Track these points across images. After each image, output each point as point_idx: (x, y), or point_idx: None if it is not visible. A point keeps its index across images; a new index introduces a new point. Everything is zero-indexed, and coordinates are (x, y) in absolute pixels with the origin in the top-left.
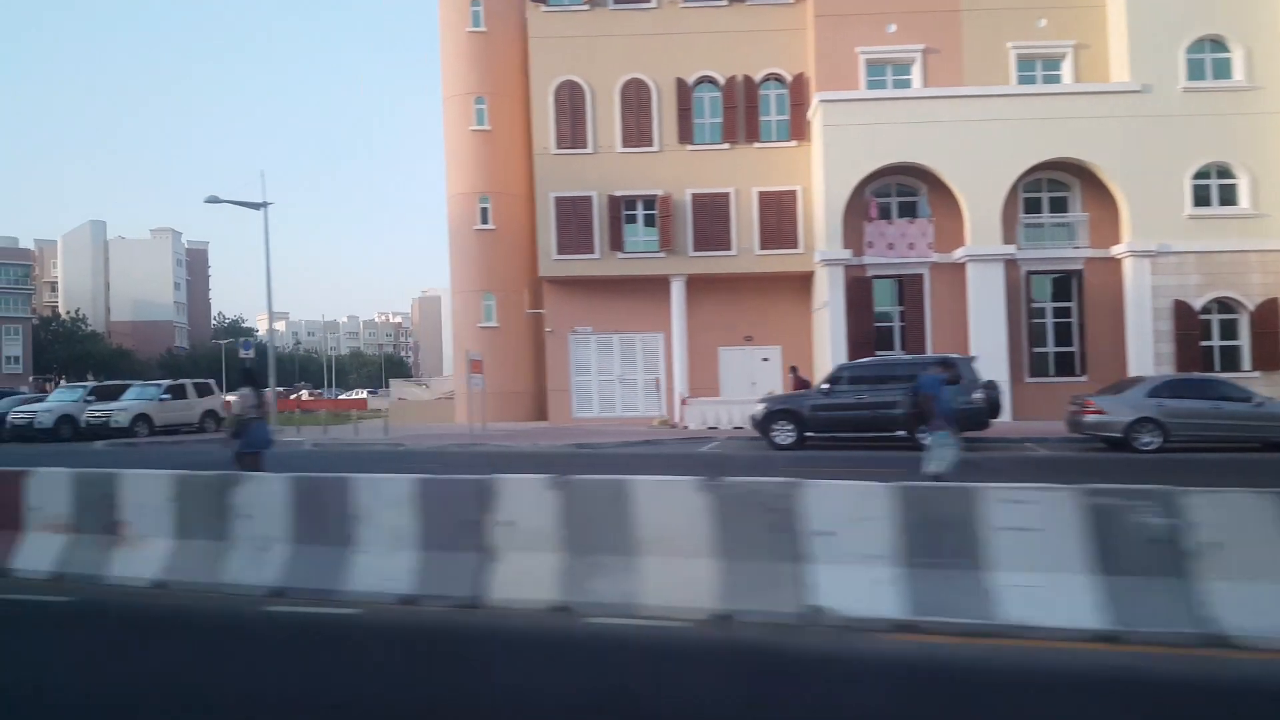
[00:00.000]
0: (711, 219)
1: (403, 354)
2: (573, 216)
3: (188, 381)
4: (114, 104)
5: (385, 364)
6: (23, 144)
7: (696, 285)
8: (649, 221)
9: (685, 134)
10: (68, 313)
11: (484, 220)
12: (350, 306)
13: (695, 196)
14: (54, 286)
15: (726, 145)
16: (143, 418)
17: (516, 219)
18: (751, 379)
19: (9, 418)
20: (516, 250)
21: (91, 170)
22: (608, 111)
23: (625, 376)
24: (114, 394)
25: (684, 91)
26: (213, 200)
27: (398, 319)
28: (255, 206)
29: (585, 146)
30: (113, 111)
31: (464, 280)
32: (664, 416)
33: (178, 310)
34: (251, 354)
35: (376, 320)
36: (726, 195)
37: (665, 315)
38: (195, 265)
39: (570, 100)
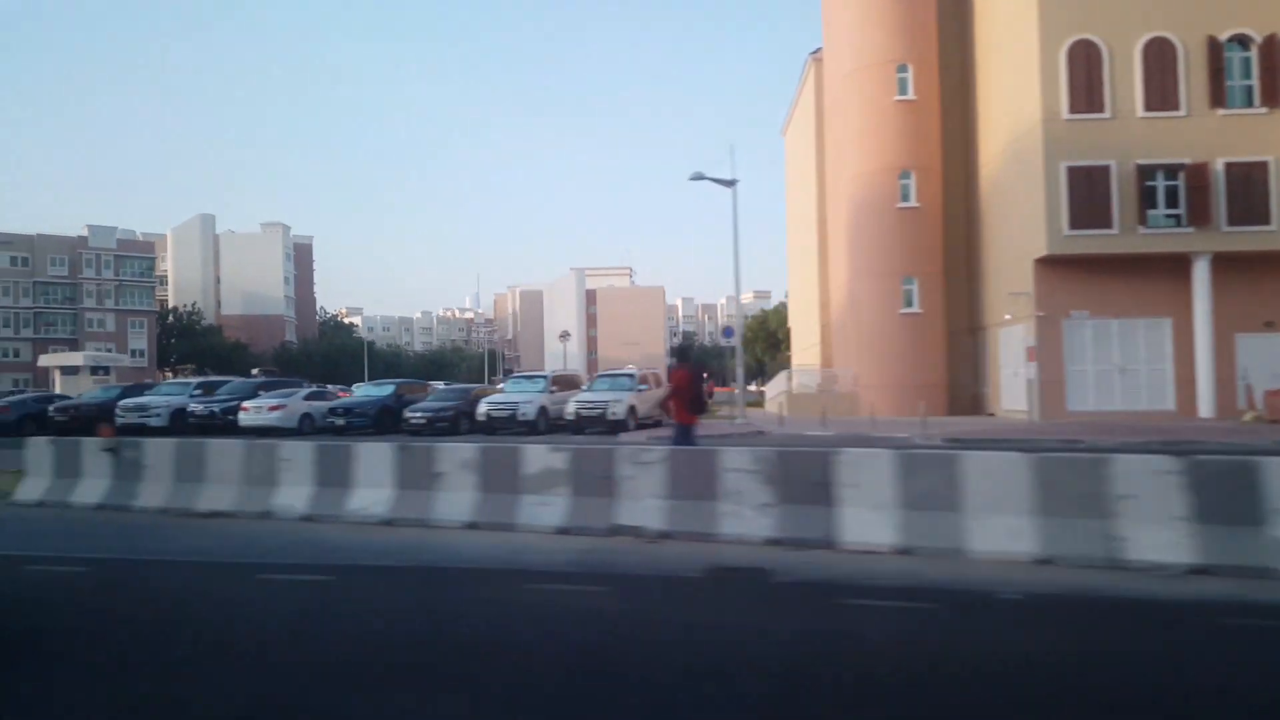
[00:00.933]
0: (1247, 191)
1: (486, 349)
2: (1086, 188)
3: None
4: (212, 97)
5: (488, 358)
6: (127, 135)
7: (1220, 265)
8: (1171, 194)
9: (1217, 97)
10: (184, 306)
11: (905, 198)
12: (418, 303)
13: (1229, 166)
14: (163, 280)
15: (1264, 110)
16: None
17: (935, 196)
18: (1274, 369)
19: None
20: (931, 229)
21: (198, 162)
22: (1126, 73)
23: (1128, 367)
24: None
25: (1214, 50)
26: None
27: (467, 314)
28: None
29: (1102, 111)
30: (215, 104)
31: (875, 263)
32: (1259, 412)
33: (287, 304)
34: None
35: (443, 315)
36: (1265, 165)
37: (1176, 298)
38: (300, 259)
39: (1085, 61)
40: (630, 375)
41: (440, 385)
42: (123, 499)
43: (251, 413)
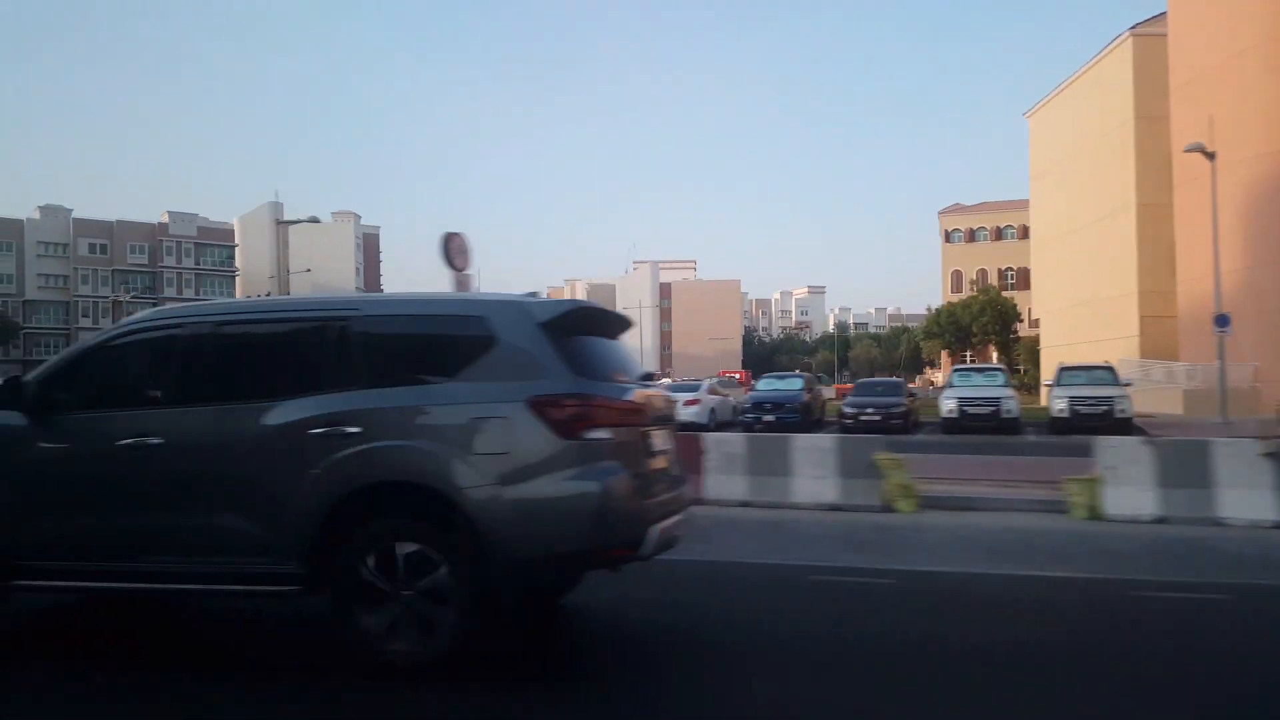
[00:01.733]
0: None
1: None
2: None
3: None
4: (273, 83)
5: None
6: (192, 123)
7: None
8: None
9: None
10: (260, 296)
11: None
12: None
13: None
14: None
15: None
16: None
17: None
18: None
19: None
20: None
21: (264, 150)
22: None
23: None
24: None
25: None
26: None
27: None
28: None
29: None
30: (277, 91)
31: None
32: None
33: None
34: None
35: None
36: None
37: None
38: (368, 250)
39: None
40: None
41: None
42: None
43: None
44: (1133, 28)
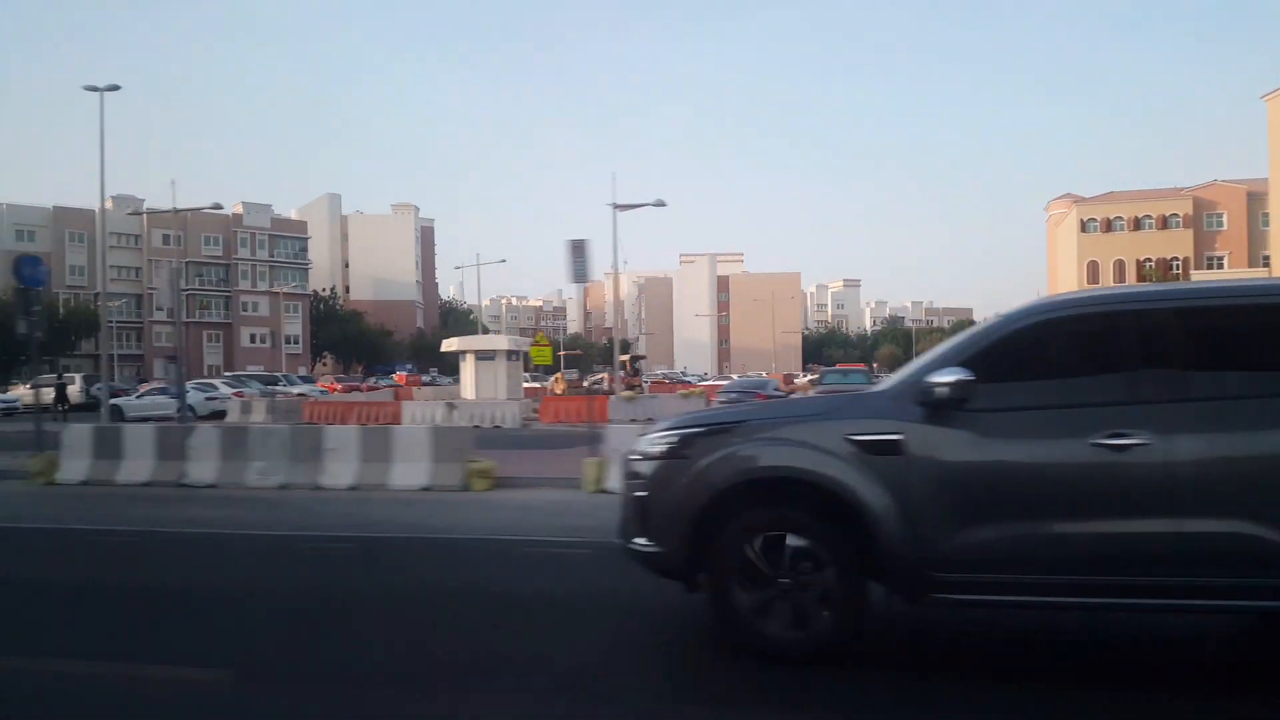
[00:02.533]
0: None
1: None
2: None
3: None
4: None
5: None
6: (252, 113)
7: None
8: None
9: None
10: (322, 290)
11: None
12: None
13: None
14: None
15: None
16: None
17: None
18: None
19: None
20: None
21: (321, 141)
22: None
23: None
24: None
25: None
26: None
27: (530, 302)
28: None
29: None
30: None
31: None
32: None
33: (418, 290)
34: None
35: (528, 304)
36: None
37: None
38: (424, 243)
39: None
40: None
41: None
42: None
43: None
44: None
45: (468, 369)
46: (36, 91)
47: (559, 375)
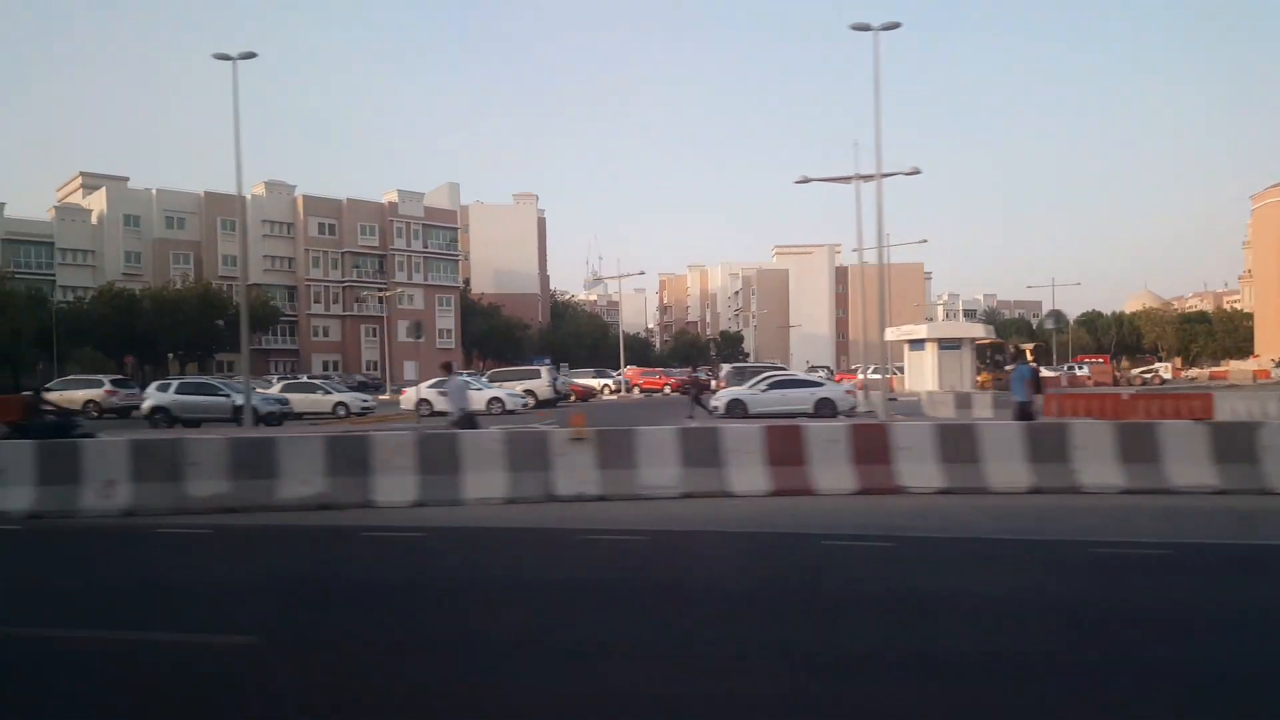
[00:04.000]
0: None
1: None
2: None
3: None
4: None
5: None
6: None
7: None
8: None
9: None
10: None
11: None
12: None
13: None
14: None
15: None
16: None
17: None
18: None
19: None
20: None
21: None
22: None
23: None
24: None
25: None
26: None
27: (583, 295)
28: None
29: None
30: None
31: None
32: None
33: (539, 282)
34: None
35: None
36: None
37: None
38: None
39: None
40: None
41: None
42: None
43: None
44: None
45: (926, 359)
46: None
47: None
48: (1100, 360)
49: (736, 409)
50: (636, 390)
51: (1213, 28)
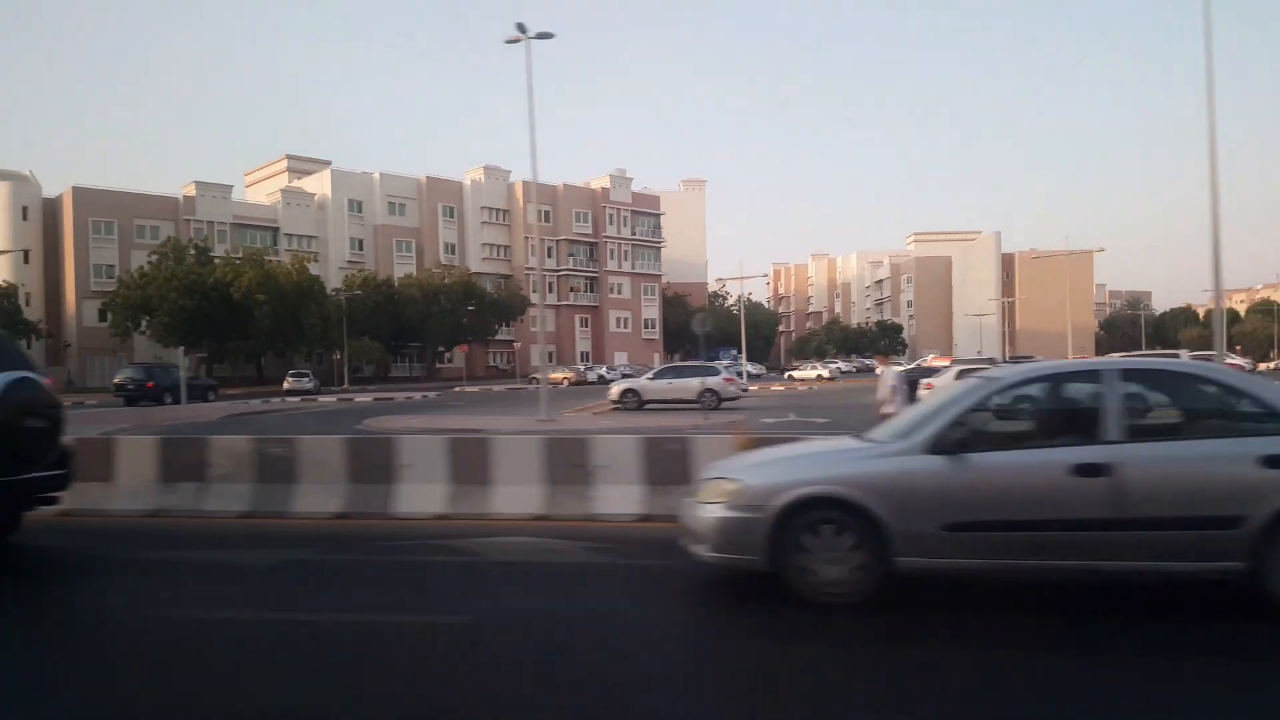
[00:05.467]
0: None
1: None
2: None
3: None
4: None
5: (880, 335)
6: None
7: None
8: None
9: None
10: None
11: None
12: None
13: None
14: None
15: None
16: None
17: None
18: None
19: None
20: None
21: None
22: None
23: None
24: None
25: None
26: None
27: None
28: None
29: None
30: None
31: None
32: None
33: (706, 271)
34: None
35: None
36: None
37: None
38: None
39: None
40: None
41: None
42: None
43: None
44: None
45: None
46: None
47: None
48: None
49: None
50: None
51: None
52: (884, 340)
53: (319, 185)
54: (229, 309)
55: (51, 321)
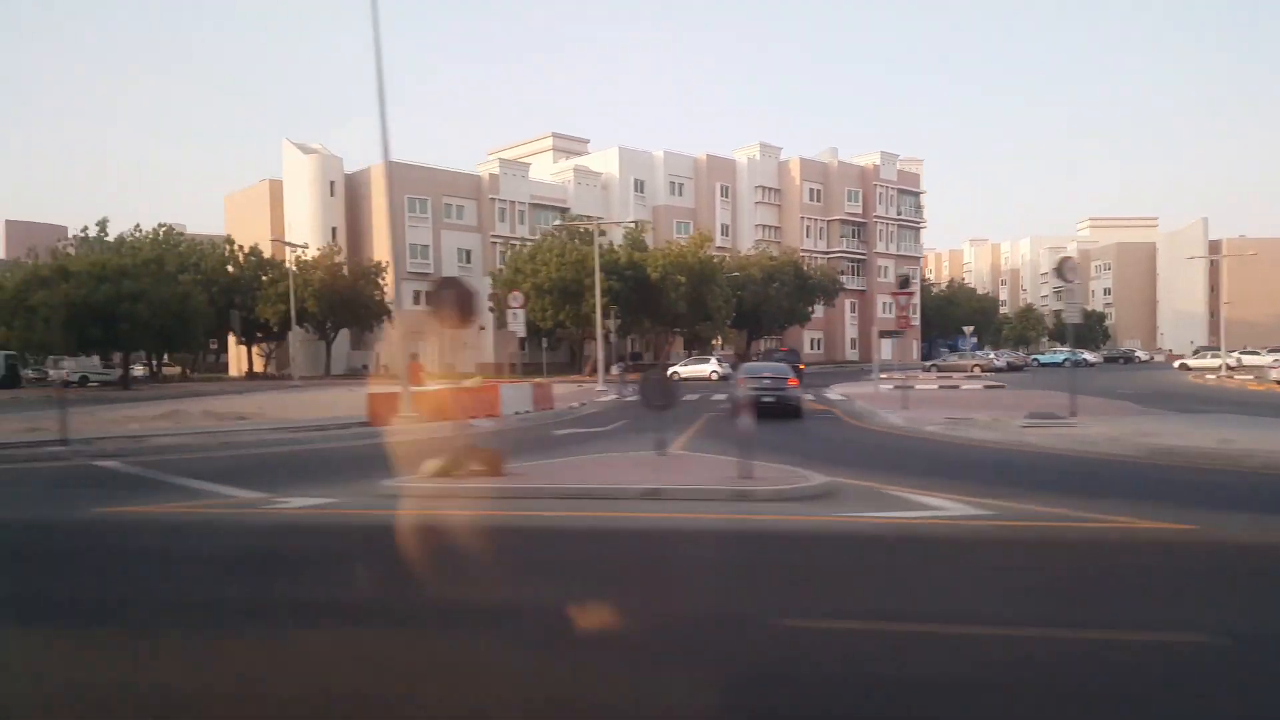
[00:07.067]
0: None
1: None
2: None
3: None
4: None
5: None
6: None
7: None
8: None
9: None
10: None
11: None
12: None
13: None
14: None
15: None
16: None
17: None
18: None
19: None
20: None
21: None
22: None
23: None
24: None
25: None
26: None
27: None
28: None
29: None
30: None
31: None
32: None
33: None
34: None
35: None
36: None
37: None
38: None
39: None
40: None
41: None
42: None
43: None
44: None
45: None
46: None
47: None
48: None
49: None
50: None
51: None
52: (1086, 329)
53: (604, 164)
54: (645, 290)
55: None
